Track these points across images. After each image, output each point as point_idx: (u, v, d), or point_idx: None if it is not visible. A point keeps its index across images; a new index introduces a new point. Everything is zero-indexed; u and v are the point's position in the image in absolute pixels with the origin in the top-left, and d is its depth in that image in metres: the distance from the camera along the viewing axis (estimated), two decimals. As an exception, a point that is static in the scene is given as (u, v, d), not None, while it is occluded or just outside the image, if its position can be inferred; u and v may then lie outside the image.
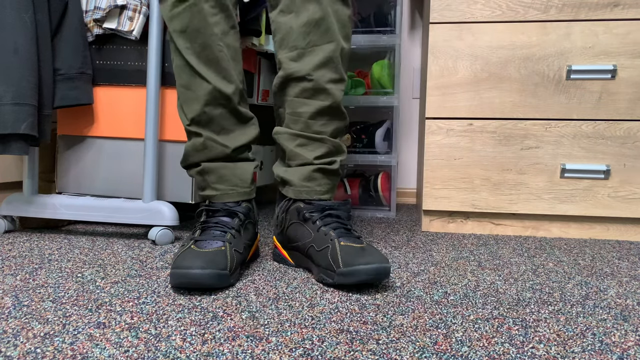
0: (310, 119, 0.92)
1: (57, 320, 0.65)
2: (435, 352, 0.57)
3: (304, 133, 0.93)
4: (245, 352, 0.56)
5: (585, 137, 1.24)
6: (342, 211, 0.90)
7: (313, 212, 0.90)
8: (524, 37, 1.24)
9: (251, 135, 0.96)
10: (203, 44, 0.90)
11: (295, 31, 0.90)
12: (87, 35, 1.16)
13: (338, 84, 0.92)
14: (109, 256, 0.98)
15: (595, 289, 0.84)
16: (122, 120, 1.20)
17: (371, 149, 1.64)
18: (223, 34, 0.91)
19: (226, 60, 0.91)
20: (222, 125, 0.93)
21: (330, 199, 0.94)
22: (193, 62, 0.91)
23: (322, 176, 0.93)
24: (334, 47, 0.90)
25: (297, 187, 0.93)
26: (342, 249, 0.81)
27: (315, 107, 0.92)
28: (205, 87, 0.91)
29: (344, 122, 0.96)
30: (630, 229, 1.27)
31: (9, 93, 1.01)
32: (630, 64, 1.21)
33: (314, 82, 0.90)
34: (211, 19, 0.89)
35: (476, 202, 1.29)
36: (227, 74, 0.91)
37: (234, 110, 0.93)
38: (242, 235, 0.89)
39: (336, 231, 0.86)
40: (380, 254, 0.80)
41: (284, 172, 0.95)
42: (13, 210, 1.17)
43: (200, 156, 0.95)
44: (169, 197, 1.19)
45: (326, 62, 0.90)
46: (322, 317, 0.67)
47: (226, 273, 0.78)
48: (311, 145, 0.93)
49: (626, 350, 0.59)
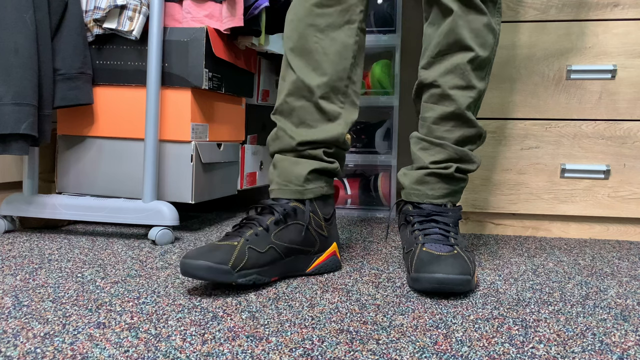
0: (434, 124, 0.92)
1: (57, 320, 0.65)
2: (435, 352, 0.57)
3: (426, 137, 0.93)
4: (245, 352, 0.56)
5: (585, 137, 1.24)
6: (450, 217, 0.89)
7: (415, 216, 0.90)
8: (524, 37, 1.24)
9: (329, 134, 0.90)
10: (301, 33, 0.89)
11: (432, 43, 0.92)
12: (87, 35, 1.16)
13: (464, 90, 0.91)
14: (109, 256, 0.98)
15: (595, 289, 0.84)
16: (122, 120, 1.20)
17: (371, 149, 1.64)
18: (328, 27, 0.89)
19: (321, 53, 0.89)
20: (302, 119, 0.90)
21: (448, 204, 0.92)
22: (287, 52, 0.91)
23: (437, 180, 0.92)
24: (463, 55, 0.89)
25: (408, 189, 0.94)
26: (420, 254, 0.81)
27: (438, 112, 0.92)
28: (291, 77, 0.90)
29: (474, 131, 0.93)
30: (630, 229, 1.27)
31: (9, 93, 1.01)
32: (630, 64, 1.21)
33: (440, 88, 0.91)
34: (317, 9, 0.89)
35: (476, 202, 1.29)
36: (317, 66, 0.89)
37: (316, 105, 0.90)
38: (274, 236, 0.83)
39: (427, 237, 0.85)
40: (458, 265, 0.77)
41: (402, 175, 0.96)
42: (13, 210, 1.17)
43: (274, 146, 0.93)
44: (169, 197, 1.19)
45: (452, 69, 0.90)
46: (322, 317, 0.67)
47: (224, 268, 0.75)
48: (431, 150, 0.93)
49: (626, 350, 0.59)
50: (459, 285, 0.75)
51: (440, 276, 0.75)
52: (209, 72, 1.18)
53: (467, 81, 0.90)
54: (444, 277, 0.75)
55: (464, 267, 0.77)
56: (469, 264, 0.80)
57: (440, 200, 0.92)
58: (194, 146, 1.18)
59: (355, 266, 0.94)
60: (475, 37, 0.89)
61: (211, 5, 1.20)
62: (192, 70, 1.15)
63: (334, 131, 0.91)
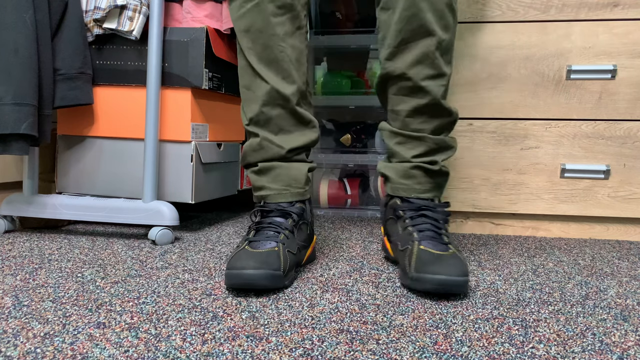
0: (408, 117, 0.91)
1: (57, 320, 0.65)
2: (435, 352, 0.57)
3: (402, 131, 0.92)
4: (245, 352, 0.56)
5: (585, 137, 1.24)
6: (440, 213, 0.89)
7: (406, 210, 0.90)
8: (524, 37, 1.24)
9: (309, 138, 0.94)
10: (264, 44, 0.89)
11: (391, 29, 0.88)
12: (87, 35, 1.16)
13: (436, 79, 0.89)
14: (109, 256, 0.98)
15: (595, 289, 0.84)
16: (122, 120, 1.20)
17: (371, 149, 1.64)
18: (286, 35, 0.89)
19: (287, 61, 0.90)
20: (280, 126, 0.92)
21: (433, 199, 0.92)
22: (254, 63, 0.90)
23: (422, 174, 0.92)
24: (429, 42, 0.86)
25: (395, 183, 0.93)
26: (419, 253, 0.80)
27: (412, 105, 0.90)
28: (264, 88, 0.90)
29: (449, 118, 0.93)
30: (630, 229, 1.27)
31: (9, 93, 1.01)
32: (630, 64, 1.21)
33: (411, 80, 0.89)
34: (274, 19, 0.88)
35: (476, 202, 1.29)
36: (287, 74, 0.90)
37: (292, 111, 0.92)
38: (296, 236, 0.88)
39: (421, 233, 0.85)
40: (458, 265, 0.77)
41: (384, 167, 0.96)
42: (13, 210, 1.17)
43: (256, 156, 0.94)
44: (169, 197, 1.19)
45: (422, 59, 0.87)
46: (322, 317, 0.67)
47: (279, 274, 0.77)
48: (410, 144, 0.92)
49: (626, 350, 0.59)
50: (460, 286, 0.75)
51: (443, 277, 0.75)
52: (209, 72, 1.18)
53: (438, 69, 0.88)
54: (447, 279, 0.75)
55: (463, 268, 0.77)
56: (466, 264, 0.80)
57: (428, 194, 0.92)
58: (194, 146, 1.18)
59: (355, 266, 0.94)
60: (439, 20, 0.86)
61: (211, 5, 1.20)
62: (192, 70, 1.15)
63: (313, 135, 0.95)
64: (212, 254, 1.01)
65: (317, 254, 1.03)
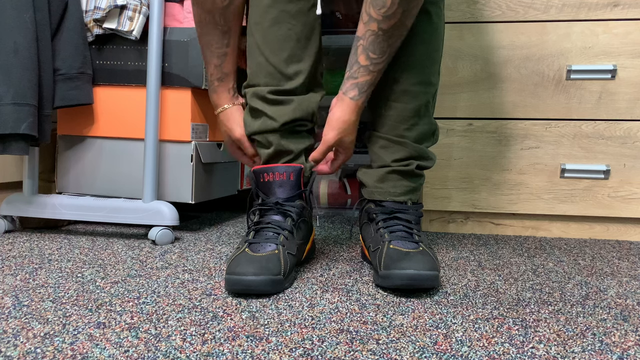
0: (395, 122, 0.91)
1: (57, 320, 0.65)
2: (435, 352, 0.57)
3: (387, 135, 0.92)
4: (245, 352, 0.56)
5: (585, 137, 1.24)
6: (412, 215, 0.89)
7: (379, 214, 0.90)
8: (524, 37, 1.24)
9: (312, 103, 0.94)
10: (273, 19, 0.88)
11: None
12: (87, 35, 1.16)
13: (425, 86, 0.91)
14: (109, 256, 0.98)
15: (595, 289, 0.84)
16: (122, 120, 1.20)
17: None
18: (298, 12, 0.88)
19: (295, 39, 0.89)
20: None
21: (408, 201, 0.92)
22: (259, 40, 0.89)
23: (398, 177, 0.92)
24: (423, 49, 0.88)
25: (370, 187, 0.94)
26: (388, 252, 0.81)
27: (398, 110, 0.91)
28: (265, 66, 0.90)
29: (430, 127, 0.94)
30: (630, 229, 1.27)
31: (9, 93, 1.01)
32: (630, 64, 1.21)
33: (399, 84, 0.89)
34: None
35: (476, 202, 1.29)
36: (292, 53, 0.89)
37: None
38: (295, 236, 0.87)
39: (393, 234, 0.85)
40: (426, 261, 0.77)
41: (362, 174, 0.96)
42: (13, 210, 1.17)
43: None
44: (169, 197, 1.19)
45: (413, 65, 0.89)
46: (322, 317, 0.67)
47: (280, 278, 0.77)
48: (392, 148, 0.92)
49: (626, 350, 0.59)
50: (429, 280, 0.76)
51: (412, 272, 0.75)
52: (209, 72, 1.18)
53: (426, 77, 0.91)
54: (415, 273, 0.75)
55: (432, 263, 0.78)
56: (435, 260, 0.81)
57: (402, 197, 0.92)
58: (194, 146, 1.18)
59: (355, 266, 0.94)
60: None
61: (211, 5, 1.20)
62: (192, 70, 1.15)
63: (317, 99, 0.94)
64: (212, 254, 1.01)
65: (317, 254, 1.03)
